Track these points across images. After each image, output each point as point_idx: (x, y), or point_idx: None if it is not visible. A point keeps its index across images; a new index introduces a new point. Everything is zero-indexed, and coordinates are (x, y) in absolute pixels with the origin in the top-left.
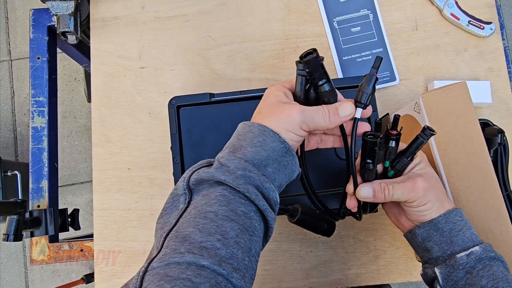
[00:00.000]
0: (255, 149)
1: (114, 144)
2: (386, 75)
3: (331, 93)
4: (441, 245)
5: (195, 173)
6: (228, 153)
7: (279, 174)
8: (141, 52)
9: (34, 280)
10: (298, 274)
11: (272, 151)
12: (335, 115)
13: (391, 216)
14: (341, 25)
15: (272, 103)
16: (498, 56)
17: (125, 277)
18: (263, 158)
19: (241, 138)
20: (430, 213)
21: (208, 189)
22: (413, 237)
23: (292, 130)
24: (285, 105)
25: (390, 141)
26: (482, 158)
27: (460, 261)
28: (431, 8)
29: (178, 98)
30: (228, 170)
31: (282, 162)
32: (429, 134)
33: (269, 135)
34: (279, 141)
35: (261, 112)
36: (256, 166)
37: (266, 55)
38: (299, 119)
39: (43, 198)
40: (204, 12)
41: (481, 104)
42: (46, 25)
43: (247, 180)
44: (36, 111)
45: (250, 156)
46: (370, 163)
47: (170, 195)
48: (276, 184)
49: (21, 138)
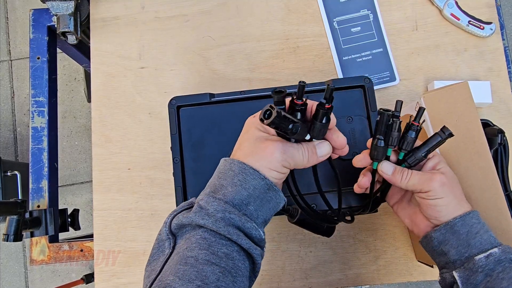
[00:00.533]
0: (236, 189)
1: (114, 144)
2: (386, 75)
3: (302, 131)
4: (458, 248)
5: (175, 218)
6: (208, 194)
7: (262, 211)
8: (141, 52)
9: (34, 280)
10: (297, 274)
11: (253, 189)
12: (313, 155)
13: (406, 218)
14: (341, 25)
15: (253, 139)
16: (498, 56)
17: (125, 277)
18: (244, 197)
19: (222, 177)
20: (447, 210)
21: (190, 232)
22: (429, 241)
23: (275, 169)
24: (267, 142)
25: (410, 131)
26: (483, 157)
27: (479, 263)
28: (431, 8)
29: (178, 98)
30: (207, 213)
31: (265, 198)
32: (448, 134)
33: (250, 173)
34: (260, 179)
35: (242, 148)
36: (237, 207)
37: (266, 55)
38: (281, 157)
39: (43, 198)
40: (204, 12)
41: (481, 104)
42: (46, 25)
43: (227, 222)
44: (36, 111)
45: (231, 196)
46: (382, 140)
47: (155, 240)
48: (259, 221)
49: (21, 138)
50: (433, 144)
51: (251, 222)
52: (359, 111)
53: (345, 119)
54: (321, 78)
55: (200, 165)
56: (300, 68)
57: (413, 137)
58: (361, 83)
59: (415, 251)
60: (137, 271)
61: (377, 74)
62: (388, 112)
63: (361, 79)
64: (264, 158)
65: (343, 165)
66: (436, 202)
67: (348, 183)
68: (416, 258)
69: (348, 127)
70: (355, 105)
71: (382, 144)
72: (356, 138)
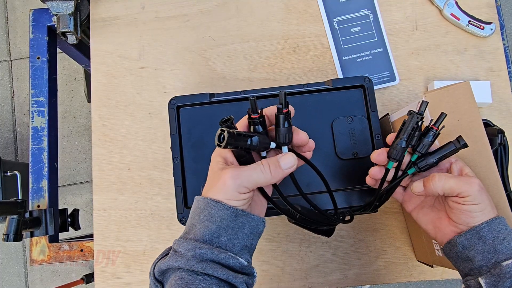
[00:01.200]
0: (204, 224)
1: (114, 144)
2: (386, 75)
3: (262, 143)
4: (484, 253)
5: (156, 265)
6: (181, 236)
7: (237, 238)
8: (141, 52)
9: (34, 280)
10: (297, 274)
11: (220, 220)
12: (277, 168)
13: (428, 224)
14: (341, 25)
15: (213, 171)
16: (498, 56)
17: (125, 277)
18: (213, 231)
19: (192, 216)
20: (482, 216)
21: (171, 275)
22: (453, 247)
23: (232, 198)
24: (221, 172)
25: (428, 134)
26: (485, 157)
27: (506, 269)
28: (431, 8)
29: (178, 98)
30: (180, 254)
31: (236, 226)
32: (463, 144)
33: (213, 206)
34: (224, 209)
35: (207, 182)
36: (208, 241)
37: (266, 55)
38: (234, 185)
39: (43, 198)
40: (204, 12)
41: (481, 104)
42: (46, 25)
43: (199, 258)
44: (36, 111)
45: (200, 233)
46: (404, 141)
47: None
48: (236, 249)
49: (21, 138)
50: (446, 152)
51: (225, 252)
52: (359, 111)
53: (345, 119)
54: (321, 78)
55: (200, 165)
56: (300, 68)
57: (430, 140)
58: (361, 83)
59: (415, 251)
60: (137, 271)
61: (377, 74)
62: (419, 114)
63: (361, 79)
64: (221, 189)
65: (343, 165)
66: (472, 208)
67: (349, 183)
68: (416, 258)
69: (348, 127)
70: (355, 105)
71: (404, 144)
72: (356, 138)
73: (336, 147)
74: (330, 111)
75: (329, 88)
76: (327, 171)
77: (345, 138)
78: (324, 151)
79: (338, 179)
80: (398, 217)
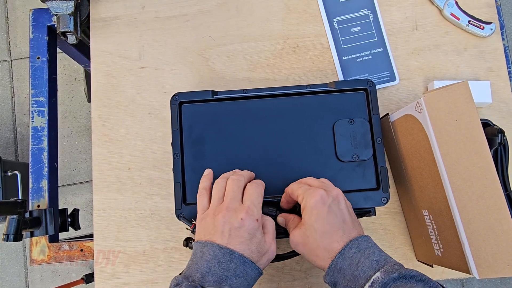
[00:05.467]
0: (239, 280)
1: (114, 144)
2: (386, 75)
3: None
4: (348, 284)
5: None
6: (213, 284)
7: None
8: (141, 52)
9: (34, 280)
10: (297, 274)
11: (251, 279)
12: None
13: (310, 254)
14: (341, 25)
15: (253, 233)
16: (498, 56)
17: (125, 277)
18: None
19: (225, 268)
20: (316, 262)
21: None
22: (328, 285)
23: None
24: (272, 242)
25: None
26: (483, 157)
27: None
28: (431, 8)
29: (181, 94)
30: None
31: (252, 283)
32: None
33: (252, 267)
34: (255, 269)
35: (237, 234)
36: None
37: (266, 55)
38: (272, 258)
39: (43, 198)
40: (204, 12)
41: (481, 104)
42: (46, 25)
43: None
44: (36, 111)
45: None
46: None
47: None
48: None
49: (21, 138)
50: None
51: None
52: (361, 113)
53: (346, 121)
54: (321, 77)
55: (199, 162)
56: (300, 68)
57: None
58: (364, 86)
59: (415, 251)
60: (137, 271)
61: (377, 74)
62: None
63: (365, 82)
64: (265, 255)
65: (343, 167)
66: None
67: (348, 185)
68: (416, 258)
69: (350, 130)
70: (358, 108)
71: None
72: (357, 141)
73: (337, 149)
74: (332, 113)
75: (332, 90)
76: (327, 173)
77: (346, 141)
78: (324, 152)
79: (338, 181)
80: (398, 217)
